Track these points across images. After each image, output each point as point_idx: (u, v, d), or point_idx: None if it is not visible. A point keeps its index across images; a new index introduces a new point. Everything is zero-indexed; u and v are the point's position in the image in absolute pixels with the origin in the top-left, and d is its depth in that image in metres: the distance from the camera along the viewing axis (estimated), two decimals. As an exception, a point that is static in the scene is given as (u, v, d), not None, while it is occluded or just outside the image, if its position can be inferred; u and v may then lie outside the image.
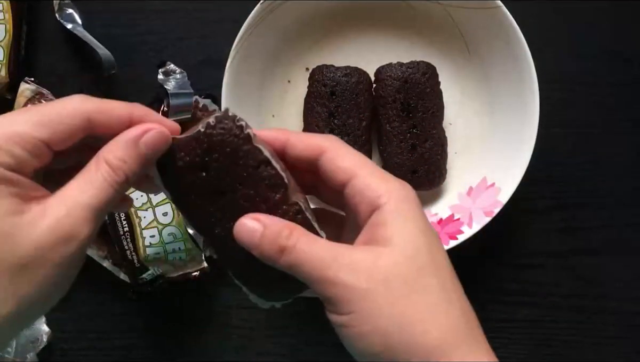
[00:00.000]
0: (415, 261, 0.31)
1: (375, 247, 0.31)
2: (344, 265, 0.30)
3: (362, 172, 0.33)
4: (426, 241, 0.32)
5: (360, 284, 0.30)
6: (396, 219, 0.32)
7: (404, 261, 0.30)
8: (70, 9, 0.56)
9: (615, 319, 0.58)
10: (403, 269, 0.30)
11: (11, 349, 0.56)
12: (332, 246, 0.32)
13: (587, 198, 0.58)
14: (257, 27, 0.52)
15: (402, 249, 0.31)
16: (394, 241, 0.31)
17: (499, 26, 0.52)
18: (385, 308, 0.30)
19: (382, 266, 0.30)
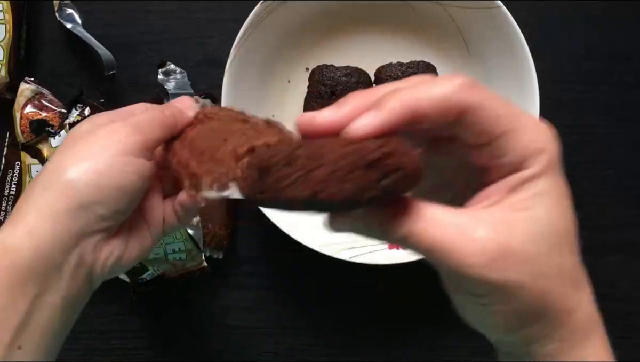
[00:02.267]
0: (549, 241, 0.27)
1: (501, 220, 0.26)
2: (475, 249, 0.25)
3: (517, 127, 0.27)
4: (562, 215, 0.28)
5: (511, 276, 0.25)
6: (542, 185, 0.28)
7: (536, 242, 0.26)
8: (70, 9, 0.56)
9: (615, 319, 0.58)
10: (537, 251, 0.26)
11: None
12: (458, 219, 0.26)
13: (587, 198, 0.58)
14: (257, 27, 0.52)
15: (534, 225, 0.26)
16: (528, 216, 0.26)
17: (499, 26, 0.52)
18: (515, 296, 0.26)
19: (516, 249, 0.26)
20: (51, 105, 0.55)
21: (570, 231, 0.28)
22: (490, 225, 0.26)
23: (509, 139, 0.27)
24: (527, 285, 0.26)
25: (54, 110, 0.54)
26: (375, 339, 0.58)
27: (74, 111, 0.54)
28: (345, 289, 0.58)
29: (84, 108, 0.54)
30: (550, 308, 0.27)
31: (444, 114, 0.26)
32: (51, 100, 0.55)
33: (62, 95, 0.56)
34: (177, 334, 0.58)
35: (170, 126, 0.37)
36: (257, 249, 0.58)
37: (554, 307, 0.27)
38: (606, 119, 0.58)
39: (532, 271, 0.26)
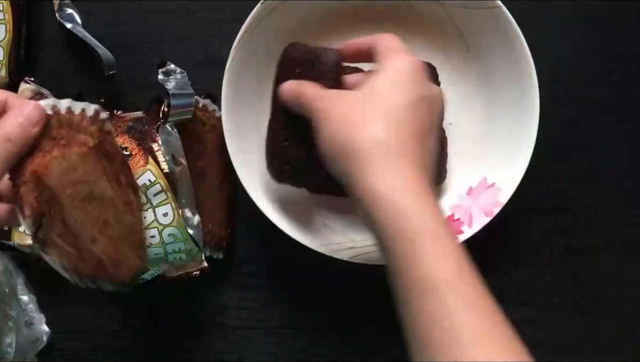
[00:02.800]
0: (369, 105, 0.40)
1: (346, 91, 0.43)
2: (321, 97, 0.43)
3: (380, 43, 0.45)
4: (389, 91, 0.41)
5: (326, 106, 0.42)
6: (375, 74, 0.42)
7: (361, 103, 0.41)
8: (70, 9, 0.56)
9: (615, 319, 0.58)
10: (358, 107, 0.40)
11: (11, 349, 0.56)
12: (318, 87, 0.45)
13: (587, 198, 0.58)
14: (257, 27, 0.52)
15: (364, 93, 0.41)
16: (364, 84, 0.42)
17: (499, 26, 0.52)
18: (335, 122, 0.40)
19: (346, 100, 0.41)
20: None
21: (383, 103, 0.40)
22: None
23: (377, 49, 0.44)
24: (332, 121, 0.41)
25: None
26: (375, 339, 0.58)
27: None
28: (345, 289, 0.58)
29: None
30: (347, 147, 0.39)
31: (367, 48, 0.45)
32: None
33: (63, 95, 0.56)
34: (177, 333, 0.58)
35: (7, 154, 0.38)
36: (257, 249, 0.58)
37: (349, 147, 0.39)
38: (606, 119, 0.58)
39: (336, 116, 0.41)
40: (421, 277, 0.35)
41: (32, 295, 0.57)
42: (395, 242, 0.36)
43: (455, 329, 0.33)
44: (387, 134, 0.38)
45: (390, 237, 0.36)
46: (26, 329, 0.57)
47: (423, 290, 0.34)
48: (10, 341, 0.56)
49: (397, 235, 0.36)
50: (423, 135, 0.40)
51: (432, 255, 0.35)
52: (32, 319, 0.57)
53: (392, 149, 0.38)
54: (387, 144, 0.38)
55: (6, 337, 0.56)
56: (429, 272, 0.34)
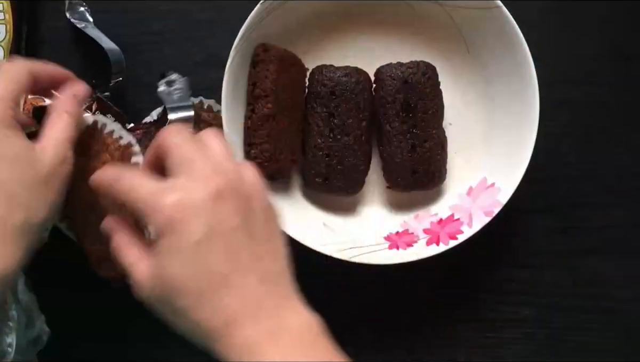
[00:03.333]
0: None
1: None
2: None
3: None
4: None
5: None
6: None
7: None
8: (81, 7, 0.56)
9: (615, 319, 0.58)
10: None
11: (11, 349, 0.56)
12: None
13: (587, 198, 0.58)
14: (257, 27, 0.52)
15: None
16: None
17: (499, 26, 0.52)
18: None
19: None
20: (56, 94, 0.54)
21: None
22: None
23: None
24: None
25: None
26: (375, 338, 0.58)
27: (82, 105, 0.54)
28: (345, 289, 0.58)
29: (92, 103, 0.54)
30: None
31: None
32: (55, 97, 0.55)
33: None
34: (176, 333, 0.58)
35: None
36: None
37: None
38: (606, 119, 0.58)
39: None
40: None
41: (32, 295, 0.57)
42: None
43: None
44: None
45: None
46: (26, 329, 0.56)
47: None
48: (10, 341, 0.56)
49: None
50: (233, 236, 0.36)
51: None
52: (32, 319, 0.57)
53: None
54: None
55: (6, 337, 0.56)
56: None
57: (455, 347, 0.58)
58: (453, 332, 0.58)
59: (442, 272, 0.56)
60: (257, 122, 0.51)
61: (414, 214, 0.56)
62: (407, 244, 0.53)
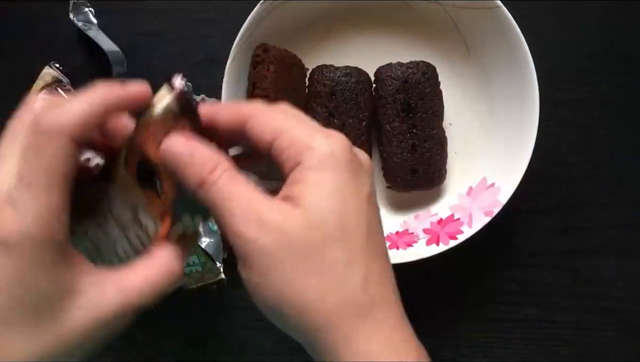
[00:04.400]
0: (321, 228, 0.29)
1: (287, 206, 0.29)
2: (253, 219, 0.28)
3: (287, 127, 0.30)
4: (340, 204, 0.29)
5: (266, 245, 0.28)
6: (310, 177, 0.29)
7: (308, 228, 0.29)
8: (85, 8, 0.56)
9: (615, 319, 0.58)
10: (307, 236, 0.28)
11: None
12: (252, 193, 0.29)
13: (587, 198, 0.58)
14: (257, 27, 0.52)
15: (309, 213, 0.29)
16: (303, 203, 0.29)
17: (499, 26, 0.52)
18: (285, 276, 0.29)
19: (288, 230, 0.28)
20: (66, 95, 0.55)
21: (345, 225, 0.29)
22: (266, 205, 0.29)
23: (282, 142, 0.30)
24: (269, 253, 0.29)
25: None
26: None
27: None
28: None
29: None
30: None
31: (233, 121, 0.31)
32: (68, 91, 0.55)
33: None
34: (176, 333, 0.58)
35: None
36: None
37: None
38: (606, 119, 0.58)
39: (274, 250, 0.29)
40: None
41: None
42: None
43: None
44: (352, 292, 0.29)
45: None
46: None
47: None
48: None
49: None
50: (380, 243, 0.31)
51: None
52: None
53: (365, 304, 0.30)
54: (357, 300, 0.29)
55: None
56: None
57: (455, 347, 0.58)
58: (453, 332, 0.58)
59: (442, 272, 0.56)
60: None
61: (414, 214, 0.56)
62: (407, 244, 0.53)
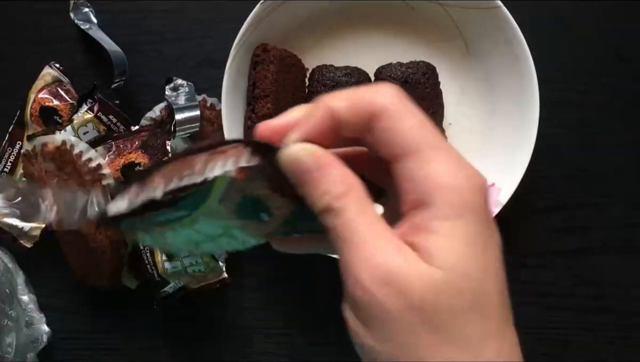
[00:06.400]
0: (461, 296, 0.24)
1: (421, 264, 0.24)
2: (382, 274, 0.24)
3: (424, 150, 0.24)
4: (481, 267, 0.25)
5: (393, 307, 0.23)
6: (444, 227, 0.24)
7: (446, 295, 0.24)
8: (86, 8, 0.56)
9: (615, 319, 0.58)
10: (444, 304, 0.24)
11: (11, 349, 0.56)
12: (382, 234, 0.24)
13: (587, 198, 0.58)
14: (257, 27, 0.52)
15: (447, 276, 0.24)
16: (439, 261, 0.24)
17: (499, 26, 0.52)
18: (409, 346, 0.24)
19: (423, 295, 0.23)
20: (66, 95, 0.55)
21: (484, 292, 0.24)
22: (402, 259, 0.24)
23: (414, 162, 0.24)
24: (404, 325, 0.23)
25: (67, 101, 0.54)
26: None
27: (84, 106, 0.54)
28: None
29: (94, 104, 0.54)
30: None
31: (356, 114, 0.25)
32: (68, 91, 0.55)
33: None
34: (176, 333, 0.58)
35: None
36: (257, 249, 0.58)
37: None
38: (606, 119, 0.58)
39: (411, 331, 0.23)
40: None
41: (32, 295, 0.57)
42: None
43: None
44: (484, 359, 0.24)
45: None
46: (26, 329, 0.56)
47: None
48: (10, 341, 0.56)
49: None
50: (509, 313, 0.26)
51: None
52: (32, 319, 0.57)
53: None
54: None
55: (6, 337, 0.56)
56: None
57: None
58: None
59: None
60: (257, 122, 0.51)
61: (414, 214, 0.56)
62: (407, 244, 0.53)
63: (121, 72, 0.55)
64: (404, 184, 0.25)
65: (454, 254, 0.24)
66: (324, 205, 0.25)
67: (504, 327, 0.25)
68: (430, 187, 0.24)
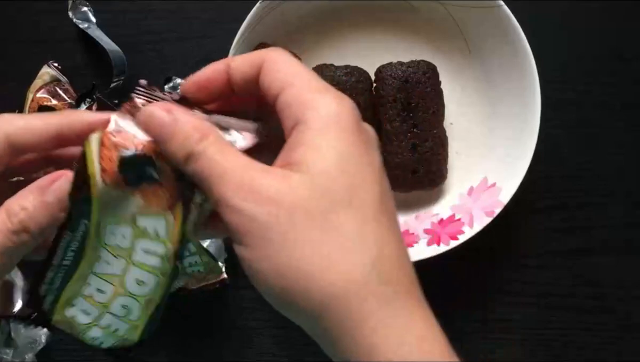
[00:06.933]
0: (328, 194, 0.26)
1: (286, 172, 0.26)
2: (245, 188, 0.26)
3: (296, 82, 0.28)
4: (350, 168, 0.26)
5: (260, 216, 0.25)
6: (315, 139, 0.26)
7: (312, 194, 0.25)
8: (84, 7, 0.56)
9: (615, 319, 0.58)
10: (312, 202, 0.25)
11: (10, 349, 0.55)
12: (245, 162, 0.27)
13: (587, 198, 0.58)
14: (257, 26, 0.52)
15: (313, 178, 0.26)
16: (307, 167, 0.26)
17: (500, 25, 0.51)
18: (285, 247, 0.25)
19: (287, 197, 0.25)
20: (64, 95, 0.54)
21: (355, 189, 0.26)
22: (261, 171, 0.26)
23: (289, 94, 0.28)
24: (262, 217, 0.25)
25: (65, 100, 0.54)
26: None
27: (83, 106, 0.54)
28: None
29: (92, 104, 0.54)
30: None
31: (247, 64, 0.29)
32: (66, 90, 0.55)
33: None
34: (177, 334, 0.58)
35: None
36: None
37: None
38: (606, 119, 0.58)
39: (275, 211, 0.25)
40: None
41: (31, 295, 0.57)
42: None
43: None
44: (369, 260, 0.26)
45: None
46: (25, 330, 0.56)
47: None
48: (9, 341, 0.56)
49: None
50: (394, 219, 0.28)
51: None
52: (31, 320, 0.57)
53: (382, 284, 0.26)
54: (369, 280, 0.26)
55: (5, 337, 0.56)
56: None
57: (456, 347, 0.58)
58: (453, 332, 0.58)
59: (443, 272, 0.56)
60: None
61: (415, 214, 0.56)
62: (407, 244, 0.53)
63: (120, 72, 0.55)
64: (284, 112, 0.28)
65: (321, 157, 0.26)
66: (185, 153, 0.27)
67: (385, 232, 0.27)
68: (304, 107, 0.27)
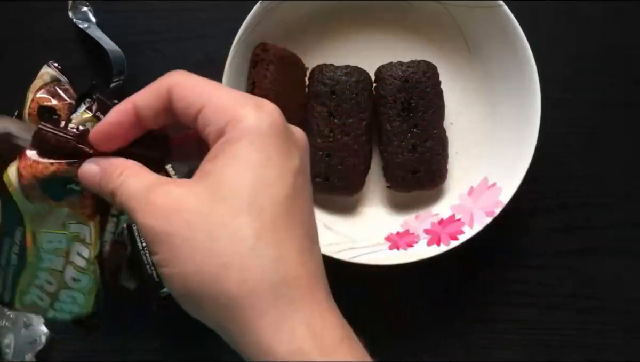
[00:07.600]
0: (226, 201, 0.27)
1: (192, 182, 0.28)
2: (145, 205, 0.28)
3: (212, 100, 0.29)
4: (253, 177, 0.27)
5: (162, 227, 0.27)
6: (228, 150, 0.28)
7: (210, 203, 0.27)
8: (84, 7, 0.56)
9: (615, 319, 0.58)
10: (208, 211, 0.27)
11: (9, 349, 0.55)
12: (152, 181, 0.29)
13: (588, 198, 0.58)
14: (257, 26, 0.52)
15: (214, 187, 0.27)
16: (213, 176, 0.27)
17: (500, 25, 0.51)
18: (186, 254, 0.27)
19: (183, 207, 0.27)
20: (64, 95, 0.54)
21: (249, 199, 0.27)
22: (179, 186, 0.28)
23: (207, 112, 0.28)
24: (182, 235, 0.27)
25: (66, 100, 0.54)
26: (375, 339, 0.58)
27: (82, 106, 0.54)
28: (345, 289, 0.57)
29: (92, 104, 0.54)
30: None
31: (152, 97, 0.30)
32: (66, 90, 0.55)
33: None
34: (177, 334, 0.58)
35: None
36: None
37: None
38: (606, 119, 0.58)
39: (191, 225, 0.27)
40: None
41: (31, 296, 0.57)
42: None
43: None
44: (266, 261, 0.27)
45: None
46: (24, 330, 0.56)
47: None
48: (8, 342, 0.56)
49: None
50: (300, 220, 0.29)
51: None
52: (31, 320, 0.57)
53: (279, 284, 0.27)
54: (271, 281, 0.27)
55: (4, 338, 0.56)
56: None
57: (456, 347, 0.58)
58: (453, 332, 0.58)
59: (443, 272, 0.56)
60: None
61: (415, 214, 0.56)
62: (407, 244, 0.53)
63: (120, 72, 0.55)
64: (205, 131, 0.29)
65: (229, 168, 0.27)
66: (109, 191, 0.29)
67: (285, 238, 0.28)
68: (223, 122, 0.28)
